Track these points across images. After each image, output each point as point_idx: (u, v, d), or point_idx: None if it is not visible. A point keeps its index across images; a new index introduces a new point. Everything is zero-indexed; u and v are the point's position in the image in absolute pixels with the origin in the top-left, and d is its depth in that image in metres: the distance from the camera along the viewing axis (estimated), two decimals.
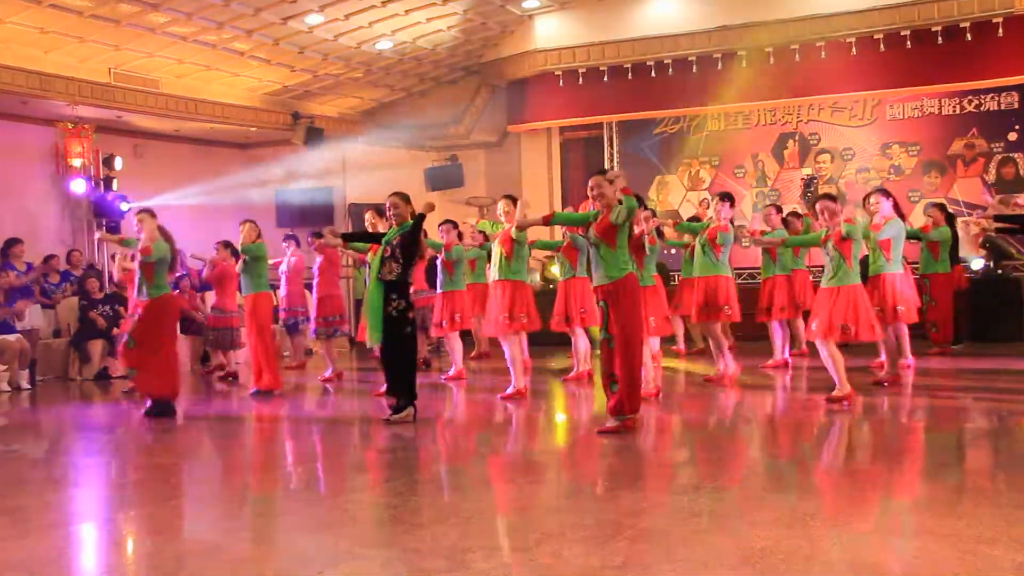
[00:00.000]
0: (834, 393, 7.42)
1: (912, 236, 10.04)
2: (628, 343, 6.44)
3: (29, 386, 10.84)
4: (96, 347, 11.65)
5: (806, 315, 9.67)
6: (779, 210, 10.60)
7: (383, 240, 7.47)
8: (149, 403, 8.20)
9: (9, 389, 10.54)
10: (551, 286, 13.06)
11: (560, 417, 8.19)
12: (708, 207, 9.90)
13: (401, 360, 7.35)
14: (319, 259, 10.91)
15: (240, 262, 9.74)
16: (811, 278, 10.48)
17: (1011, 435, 6.66)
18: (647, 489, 5.06)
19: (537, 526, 4.37)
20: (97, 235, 11.07)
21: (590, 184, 6.70)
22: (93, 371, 11.62)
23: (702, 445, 6.58)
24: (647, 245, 7.98)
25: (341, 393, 9.91)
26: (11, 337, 10.69)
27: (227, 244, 10.86)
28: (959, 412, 7.64)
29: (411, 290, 7.62)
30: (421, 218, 7.39)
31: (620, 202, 6.41)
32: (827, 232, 7.55)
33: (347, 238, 8.66)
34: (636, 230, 7.43)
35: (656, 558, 3.78)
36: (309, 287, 11.62)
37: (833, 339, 7.39)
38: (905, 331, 8.80)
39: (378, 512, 4.89)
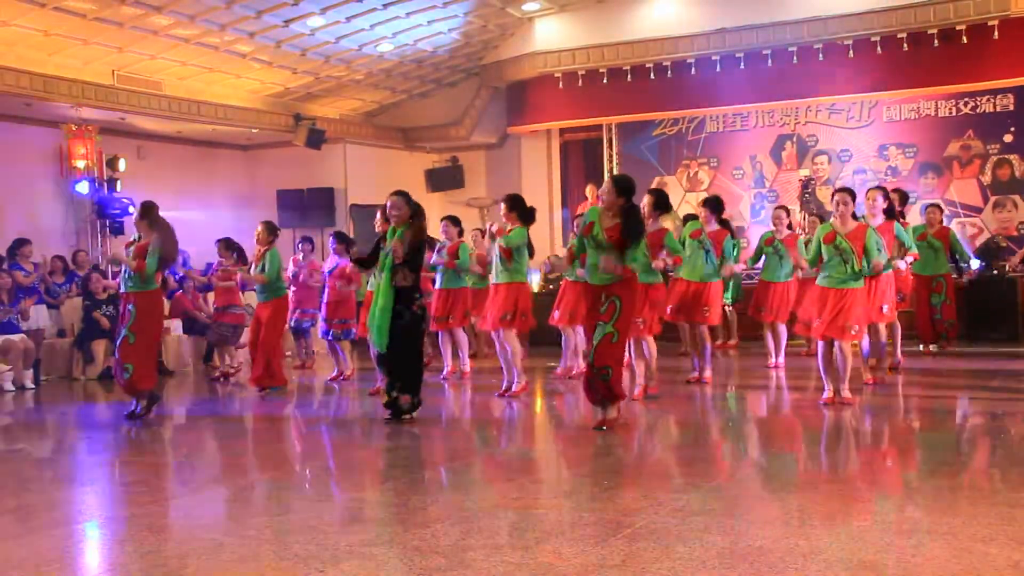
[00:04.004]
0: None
1: (931, 243, 10.15)
2: (623, 342, 6.68)
3: (33, 386, 10.89)
4: (100, 347, 11.70)
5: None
6: (788, 212, 10.67)
7: (388, 243, 7.32)
8: (137, 405, 8.10)
9: (13, 388, 10.59)
10: (551, 287, 13.12)
11: (559, 416, 8.24)
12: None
13: (415, 359, 7.41)
14: (335, 264, 10.61)
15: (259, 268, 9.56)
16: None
17: (1007, 434, 6.71)
18: (646, 488, 5.08)
19: (537, 524, 4.39)
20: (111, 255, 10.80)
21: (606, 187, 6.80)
22: (97, 371, 11.66)
23: (700, 444, 6.62)
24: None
25: (343, 393, 9.95)
26: (15, 337, 10.75)
27: (228, 244, 10.91)
28: (955, 412, 7.68)
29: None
30: (421, 218, 7.39)
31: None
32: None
33: (364, 264, 8.07)
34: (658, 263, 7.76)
35: (655, 556, 3.80)
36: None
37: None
38: (885, 331, 8.82)
39: (379, 510, 4.92)
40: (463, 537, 4.16)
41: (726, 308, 11.77)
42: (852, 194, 7.54)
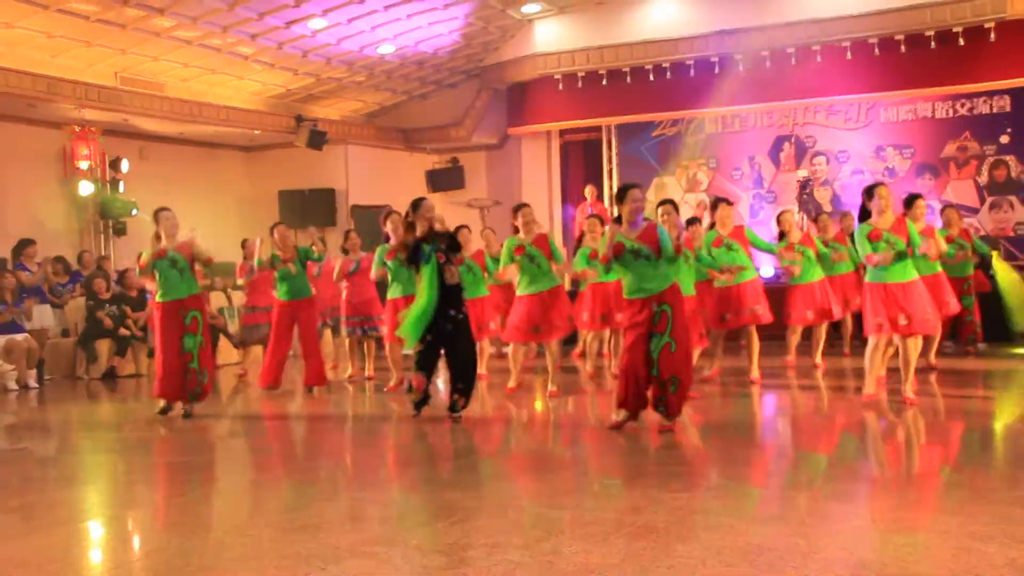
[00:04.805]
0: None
1: (960, 244, 10.17)
2: (685, 347, 6.61)
3: (37, 385, 10.95)
4: (103, 347, 11.76)
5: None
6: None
7: (427, 249, 7.30)
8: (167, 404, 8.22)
9: (17, 388, 10.65)
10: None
11: (560, 416, 8.27)
12: (704, 208, 9.83)
13: (474, 358, 7.57)
14: (354, 262, 10.42)
15: (290, 266, 9.46)
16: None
17: (1005, 434, 6.74)
18: (646, 487, 5.09)
19: (537, 523, 4.42)
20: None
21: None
22: (100, 370, 11.72)
23: (699, 444, 6.65)
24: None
25: (348, 392, 9.97)
26: (19, 336, 10.81)
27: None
28: (954, 411, 7.71)
29: None
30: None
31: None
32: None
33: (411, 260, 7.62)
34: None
35: (655, 555, 3.82)
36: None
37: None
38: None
39: (380, 509, 4.94)
40: (463, 536, 4.18)
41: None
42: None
